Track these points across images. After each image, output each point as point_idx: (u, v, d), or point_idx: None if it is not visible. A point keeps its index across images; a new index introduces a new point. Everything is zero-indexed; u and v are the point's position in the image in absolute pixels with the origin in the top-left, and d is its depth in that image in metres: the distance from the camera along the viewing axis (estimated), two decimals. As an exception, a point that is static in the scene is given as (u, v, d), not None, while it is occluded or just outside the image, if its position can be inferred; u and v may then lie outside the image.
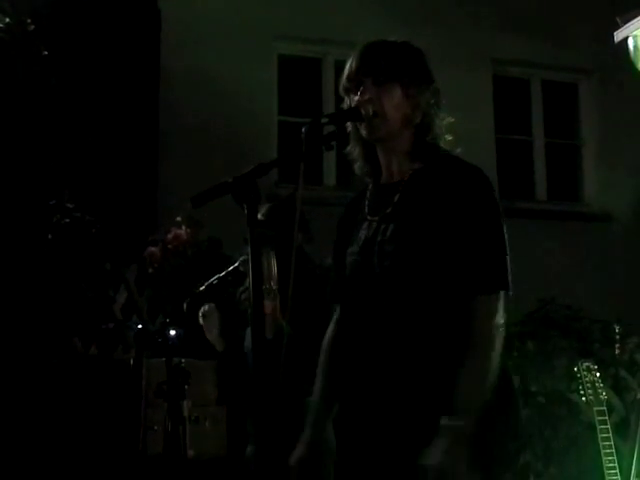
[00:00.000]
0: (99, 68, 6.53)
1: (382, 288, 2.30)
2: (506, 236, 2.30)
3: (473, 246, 2.25)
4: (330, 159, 7.56)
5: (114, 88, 6.61)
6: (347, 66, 2.43)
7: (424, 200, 2.30)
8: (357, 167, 2.51)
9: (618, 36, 5.49)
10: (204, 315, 3.81)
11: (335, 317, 2.60)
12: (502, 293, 2.25)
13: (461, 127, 2.44)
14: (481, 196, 2.29)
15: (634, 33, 5.22)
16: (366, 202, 2.47)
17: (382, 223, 2.36)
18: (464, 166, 2.34)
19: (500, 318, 2.23)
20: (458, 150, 2.41)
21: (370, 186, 2.50)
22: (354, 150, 2.49)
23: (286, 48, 7.81)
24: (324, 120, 2.33)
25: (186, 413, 3.42)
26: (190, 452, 3.51)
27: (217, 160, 6.68)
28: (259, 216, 2.11)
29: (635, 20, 5.32)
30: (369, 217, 2.42)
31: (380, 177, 2.46)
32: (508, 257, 2.28)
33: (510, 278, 2.27)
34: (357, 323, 2.37)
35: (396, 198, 2.36)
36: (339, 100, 2.54)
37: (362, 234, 2.40)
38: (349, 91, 2.42)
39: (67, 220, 5.48)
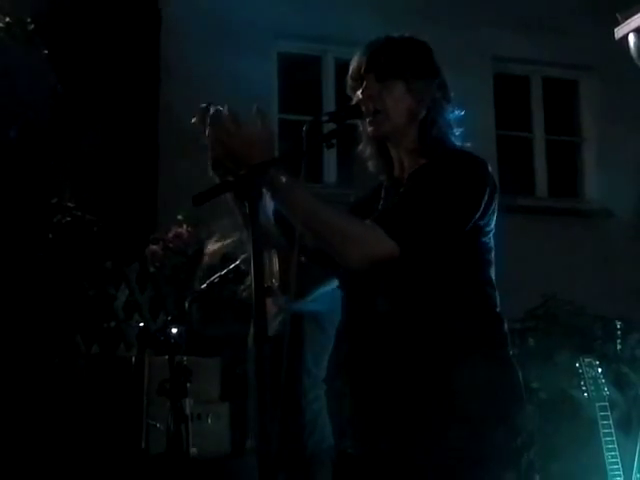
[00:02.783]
0: (99, 67, 6.54)
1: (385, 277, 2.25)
2: (469, 202, 2.21)
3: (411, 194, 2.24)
4: (331, 156, 7.57)
5: (114, 87, 6.62)
6: (351, 64, 2.41)
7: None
8: (371, 165, 2.49)
9: (618, 33, 5.49)
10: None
11: None
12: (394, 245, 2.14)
13: (462, 124, 2.43)
14: (454, 164, 2.26)
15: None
16: (381, 197, 2.45)
17: None
18: (461, 152, 2.32)
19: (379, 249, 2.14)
20: (468, 144, 2.37)
21: (385, 182, 2.48)
22: (366, 148, 2.46)
23: (286, 46, 7.82)
24: (325, 118, 2.30)
25: (188, 411, 3.42)
26: (193, 450, 3.51)
27: (218, 158, 6.68)
28: None
29: (635, 17, 5.32)
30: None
31: (394, 172, 2.45)
32: (450, 222, 2.20)
33: (417, 239, 2.17)
34: (362, 306, 2.33)
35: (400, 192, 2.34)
36: (339, 97, 2.53)
37: None
38: (354, 89, 2.39)
39: (68, 219, 5.50)
